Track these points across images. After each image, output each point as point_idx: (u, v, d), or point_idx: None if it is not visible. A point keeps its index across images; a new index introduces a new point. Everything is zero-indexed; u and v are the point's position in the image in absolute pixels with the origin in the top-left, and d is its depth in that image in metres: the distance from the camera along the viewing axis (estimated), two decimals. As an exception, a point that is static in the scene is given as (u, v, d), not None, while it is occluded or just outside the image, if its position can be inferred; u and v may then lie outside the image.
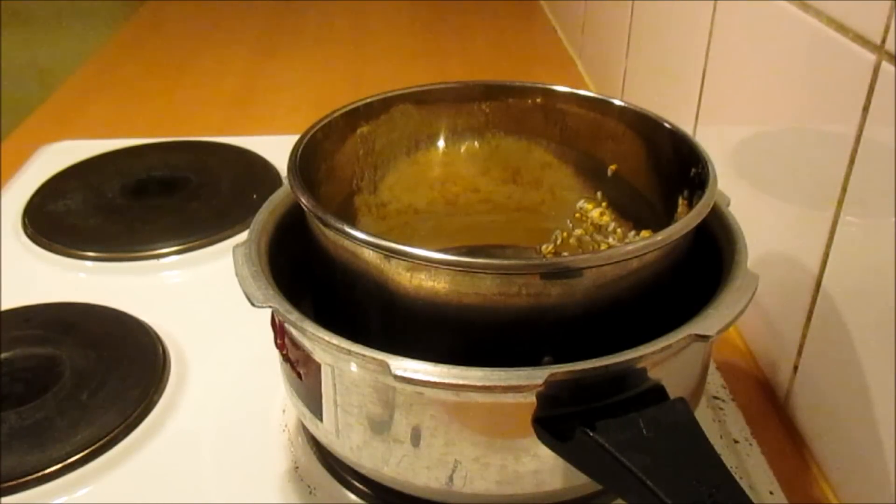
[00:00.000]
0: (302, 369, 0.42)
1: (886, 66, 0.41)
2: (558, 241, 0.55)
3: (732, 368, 0.58)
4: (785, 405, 0.54)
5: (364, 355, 0.36)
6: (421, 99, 0.53)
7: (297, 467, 0.48)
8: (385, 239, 0.38)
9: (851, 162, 0.44)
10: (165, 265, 0.67)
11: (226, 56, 1.19)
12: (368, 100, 0.52)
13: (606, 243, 0.53)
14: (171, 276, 0.66)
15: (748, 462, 0.49)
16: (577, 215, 0.54)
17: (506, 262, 0.38)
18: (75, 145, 0.86)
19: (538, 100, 0.54)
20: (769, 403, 0.55)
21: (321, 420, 0.41)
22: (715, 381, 0.55)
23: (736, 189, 0.49)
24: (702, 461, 0.32)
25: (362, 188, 0.53)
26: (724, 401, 0.54)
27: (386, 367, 0.35)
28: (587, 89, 0.54)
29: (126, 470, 0.49)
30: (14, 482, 0.46)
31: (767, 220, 0.54)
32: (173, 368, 0.55)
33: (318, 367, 0.40)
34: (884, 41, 0.41)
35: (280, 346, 0.44)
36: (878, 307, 0.42)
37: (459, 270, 0.37)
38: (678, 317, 0.38)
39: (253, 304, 0.39)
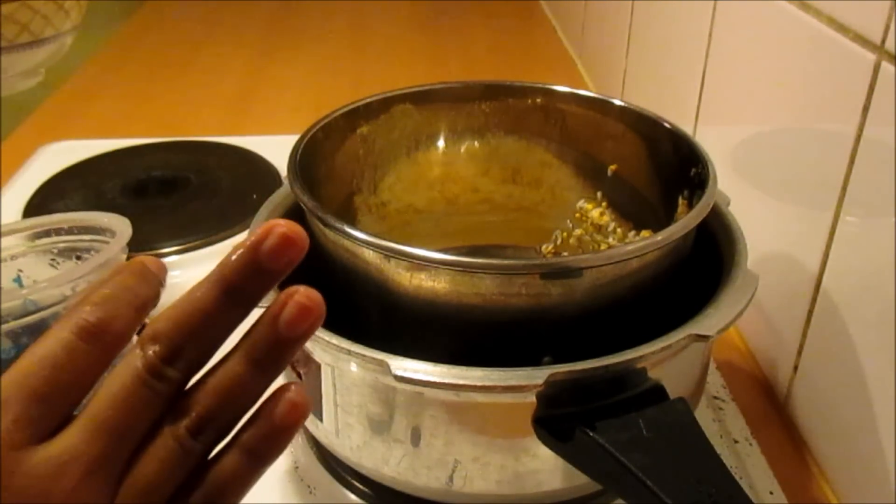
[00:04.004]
0: (302, 369, 0.42)
1: (886, 66, 0.41)
2: (558, 241, 0.55)
3: (732, 368, 0.58)
4: (785, 405, 0.54)
5: (364, 355, 0.36)
6: (421, 99, 0.53)
7: (297, 467, 0.48)
8: (385, 239, 0.38)
9: (851, 162, 0.44)
10: (165, 265, 0.67)
11: (226, 56, 1.19)
12: (368, 100, 0.52)
13: (606, 243, 0.53)
14: (171, 276, 0.66)
15: (748, 462, 0.49)
16: (577, 215, 0.54)
17: (506, 262, 0.38)
18: (75, 145, 0.86)
19: (538, 100, 0.54)
20: (769, 403, 0.55)
21: (321, 420, 0.41)
22: (715, 381, 0.55)
23: (736, 189, 0.49)
24: (702, 461, 0.32)
25: (362, 188, 0.54)
26: (724, 401, 0.54)
27: (386, 367, 0.35)
28: (587, 89, 0.54)
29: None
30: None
31: (767, 220, 0.54)
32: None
33: (318, 367, 0.40)
34: (884, 41, 0.41)
35: (280, 346, 0.43)
36: (878, 307, 0.42)
37: (459, 270, 0.37)
38: (678, 317, 0.38)
39: (253, 304, 0.39)
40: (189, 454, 0.26)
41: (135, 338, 0.26)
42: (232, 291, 0.26)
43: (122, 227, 0.49)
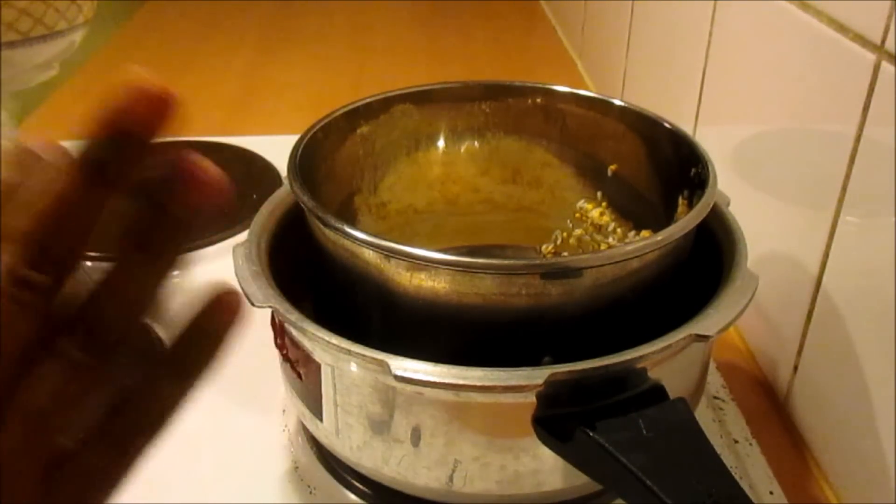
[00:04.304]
0: (302, 369, 0.42)
1: (886, 66, 0.41)
2: (558, 241, 0.55)
3: (732, 368, 0.58)
4: (785, 405, 0.54)
5: (364, 355, 0.36)
6: (421, 99, 0.53)
7: (297, 467, 0.48)
8: (385, 239, 0.38)
9: (851, 162, 0.44)
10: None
11: (226, 56, 1.19)
12: (368, 100, 0.52)
13: (606, 243, 0.53)
14: (171, 276, 0.66)
15: (748, 462, 0.49)
16: (577, 215, 0.54)
17: (506, 262, 0.38)
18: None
19: (538, 100, 0.54)
20: (769, 403, 0.55)
21: (321, 420, 0.41)
22: (715, 381, 0.55)
23: (736, 189, 0.49)
24: (702, 461, 0.32)
25: (362, 188, 0.53)
26: (724, 401, 0.54)
27: (386, 367, 0.35)
28: (587, 89, 0.54)
29: (126, 470, 0.49)
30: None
31: (767, 220, 0.54)
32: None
33: (318, 367, 0.40)
34: (884, 41, 0.41)
35: (280, 346, 0.44)
36: (878, 307, 0.42)
37: (459, 270, 0.37)
38: (678, 317, 0.38)
39: (253, 304, 0.39)
40: (80, 369, 0.22)
41: None
42: (89, 166, 0.21)
43: None
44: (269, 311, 0.40)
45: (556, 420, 0.35)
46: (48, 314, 0.22)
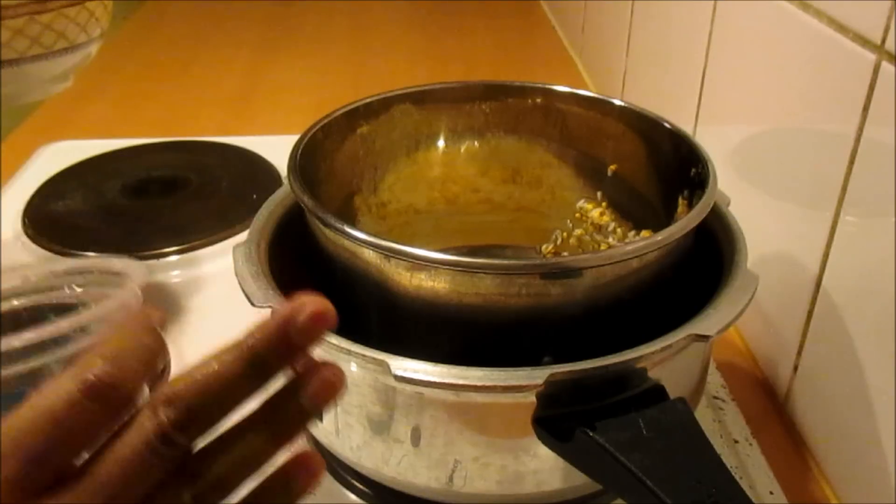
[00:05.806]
0: (302, 369, 0.41)
1: (886, 66, 0.41)
2: (558, 241, 0.55)
3: (732, 368, 0.58)
4: (785, 405, 0.54)
5: (364, 355, 0.36)
6: (421, 99, 0.53)
7: (297, 467, 0.48)
8: (385, 239, 0.38)
9: (851, 162, 0.44)
10: (165, 265, 0.67)
11: (226, 56, 1.19)
12: (368, 100, 0.52)
13: (606, 243, 0.53)
14: (171, 276, 0.66)
15: (748, 462, 0.49)
16: (577, 215, 0.54)
17: (506, 262, 0.38)
18: (75, 145, 0.86)
19: (538, 100, 0.54)
20: (769, 403, 0.55)
21: (321, 420, 0.41)
22: (715, 381, 0.55)
23: (736, 189, 0.49)
24: (702, 461, 0.32)
25: (362, 188, 0.53)
26: (724, 401, 0.54)
27: (386, 367, 0.35)
28: (587, 89, 0.54)
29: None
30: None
31: (767, 220, 0.54)
32: (173, 369, 0.55)
33: (318, 367, 0.40)
34: (884, 41, 0.41)
35: (280, 346, 0.44)
36: (878, 307, 0.42)
37: (459, 270, 0.37)
38: (678, 317, 0.38)
39: (253, 304, 0.39)
40: None
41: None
42: (256, 363, 0.25)
43: (138, 271, 0.46)
44: (268, 311, 0.40)
45: (556, 420, 0.35)
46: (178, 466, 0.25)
